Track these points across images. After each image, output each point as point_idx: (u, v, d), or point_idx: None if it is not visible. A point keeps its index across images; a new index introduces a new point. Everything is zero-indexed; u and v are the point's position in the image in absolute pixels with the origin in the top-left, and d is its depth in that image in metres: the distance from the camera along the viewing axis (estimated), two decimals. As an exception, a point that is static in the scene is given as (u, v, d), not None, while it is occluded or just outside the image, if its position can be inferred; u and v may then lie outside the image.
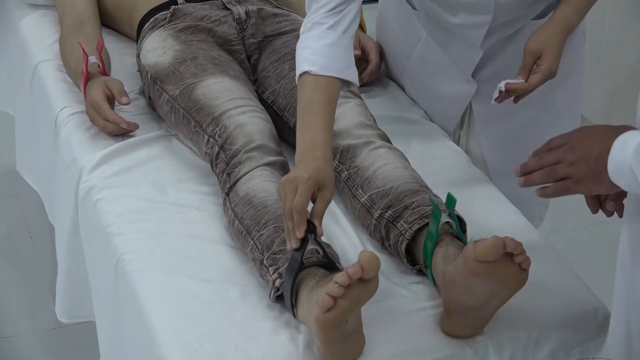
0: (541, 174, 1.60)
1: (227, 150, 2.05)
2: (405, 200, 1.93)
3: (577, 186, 1.57)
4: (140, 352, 1.85)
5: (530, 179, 1.63)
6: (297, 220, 1.73)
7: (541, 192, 1.63)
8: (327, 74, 1.88)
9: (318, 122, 1.85)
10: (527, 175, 1.63)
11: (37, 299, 3.01)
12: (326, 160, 1.81)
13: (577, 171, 1.55)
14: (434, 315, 1.80)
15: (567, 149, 1.58)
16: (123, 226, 2.00)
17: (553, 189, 1.60)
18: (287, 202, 1.74)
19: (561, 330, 1.82)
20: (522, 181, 1.64)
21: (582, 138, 1.57)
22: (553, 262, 1.95)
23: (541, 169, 1.60)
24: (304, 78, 1.89)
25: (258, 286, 1.86)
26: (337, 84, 1.90)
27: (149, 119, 2.32)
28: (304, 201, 1.74)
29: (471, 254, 1.64)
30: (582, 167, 1.55)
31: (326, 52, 1.89)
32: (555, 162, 1.58)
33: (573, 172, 1.56)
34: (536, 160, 1.62)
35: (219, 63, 2.24)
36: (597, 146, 1.54)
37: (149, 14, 2.41)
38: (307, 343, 1.73)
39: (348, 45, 1.92)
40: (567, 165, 1.57)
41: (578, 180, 1.56)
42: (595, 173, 1.53)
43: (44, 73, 2.48)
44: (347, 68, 1.91)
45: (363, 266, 1.59)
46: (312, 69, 1.87)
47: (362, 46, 2.46)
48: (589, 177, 1.55)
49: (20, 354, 2.81)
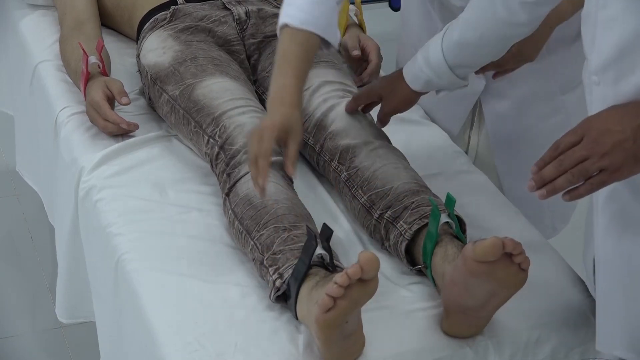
0: (567, 177, 1.51)
1: (227, 150, 2.05)
2: (404, 201, 1.93)
3: (615, 176, 1.50)
4: (140, 352, 1.85)
5: (554, 186, 1.52)
6: (261, 166, 1.80)
7: (571, 195, 1.53)
8: (307, 29, 1.89)
9: (290, 69, 1.88)
10: (549, 185, 1.52)
11: (37, 299, 3.01)
12: (293, 106, 1.86)
13: (614, 161, 1.48)
14: (434, 315, 1.80)
15: (589, 143, 1.50)
16: (123, 226, 2.00)
17: (588, 187, 1.51)
18: (251, 150, 1.82)
19: (561, 331, 1.82)
20: (543, 193, 1.53)
21: (601, 126, 1.50)
22: (553, 262, 1.95)
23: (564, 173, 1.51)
24: (283, 31, 1.91)
25: (258, 286, 1.86)
26: (316, 40, 1.91)
27: (149, 119, 2.32)
28: (268, 146, 1.81)
29: (470, 254, 1.64)
30: (619, 154, 1.48)
31: (309, 8, 1.90)
32: (580, 160, 1.50)
33: (608, 164, 1.48)
34: (555, 166, 1.52)
35: (218, 63, 2.24)
36: (627, 127, 1.48)
37: (149, 14, 2.41)
38: (307, 343, 1.73)
39: (333, 7, 1.93)
40: (599, 159, 1.48)
41: (616, 169, 1.49)
42: (637, 154, 1.47)
43: (44, 73, 2.48)
44: (328, 27, 1.92)
45: (363, 266, 1.59)
46: (292, 22, 1.89)
47: (362, 46, 2.46)
48: (629, 162, 1.48)
49: (21, 354, 2.81)
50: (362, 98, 2.13)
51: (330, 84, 2.20)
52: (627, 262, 1.62)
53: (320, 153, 2.13)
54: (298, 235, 1.85)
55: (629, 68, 1.50)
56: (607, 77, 1.53)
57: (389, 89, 2.08)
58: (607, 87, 1.54)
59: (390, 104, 2.10)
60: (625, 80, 1.51)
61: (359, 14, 2.55)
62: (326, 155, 2.11)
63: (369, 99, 2.13)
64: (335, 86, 2.20)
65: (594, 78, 1.56)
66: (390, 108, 2.11)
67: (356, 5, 2.55)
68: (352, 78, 2.35)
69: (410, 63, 2.03)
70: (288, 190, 1.98)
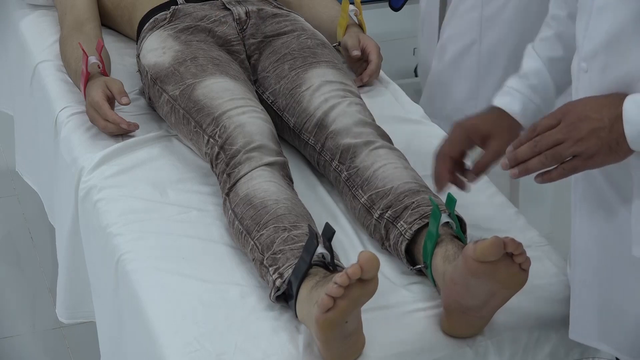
0: (540, 158, 1.53)
1: (227, 150, 2.05)
2: (405, 201, 1.93)
3: (587, 163, 1.51)
4: (140, 353, 1.85)
5: (527, 166, 1.54)
6: None
7: (543, 178, 1.55)
8: None
9: None
10: (522, 164, 1.54)
11: (37, 299, 3.01)
12: None
13: (588, 147, 1.49)
14: (434, 315, 1.80)
15: (567, 126, 1.51)
16: (123, 226, 2.00)
17: (560, 171, 1.53)
18: None
19: (561, 330, 1.82)
20: (515, 172, 1.55)
21: (580, 112, 1.51)
22: (553, 262, 1.95)
23: (538, 155, 1.53)
24: None
25: (258, 286, 1.86)
26: None
27: (149, 119, 2.32)
28: None
29: (471, 254, 1.63)
30: (594, 141, 1.49)
31: None
32: (555, 143, 1.51)
33: (583, 150, 1.50)
34: (530, 147, 1.53)
35: (219, 63, 2.24)
36: (605, 116, 1.49)
37: (149, 14, 2.41)
38: (307, 343, 1.73)
39: None
40: (574, 144, 1.50)
41: (589, 156, 1.50)
42: (612, 144, 1.49)
43: (44, 73, 2.49)
44: None
45: (362, 266, 1.59)
46: None
47: (362, 46, 2.47)
48: (603, 150, 1.49)
49: (21, 354, 2.81)
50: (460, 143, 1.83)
51: (330, 84, 2.20)
52: (601, 250, 1.64)
53: (320, 152, 2.13)
54: (298, 235, 1.85)
55: (616, 56, 1.52)
56: (595, 64, 1.55)
57: (499, 127, 1.79)
58: (594, 75, 1.55)
59: (504, 143, 1.73)
60: (612, 69, 1.53)
61: (359, 14, 2.55)
62: (327, 154, 2.11)
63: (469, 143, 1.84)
64: (336, 86, 2.20)
65: (582, 65, 1.57)
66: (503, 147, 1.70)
67: (356, 5, 2.55)
68: (352, 78, 2.36)
69: (507, 98, 1.80)
70: (288, 190, 1.99)
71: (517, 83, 1.80)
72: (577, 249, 1.69)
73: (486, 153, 1.79)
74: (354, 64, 2.50)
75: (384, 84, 2.50)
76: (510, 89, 1.81)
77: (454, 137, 1.82)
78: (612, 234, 1.62)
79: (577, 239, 1.68)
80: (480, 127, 1.79)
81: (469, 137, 1.81)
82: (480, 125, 1.80)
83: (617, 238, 1.62)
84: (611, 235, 1.62)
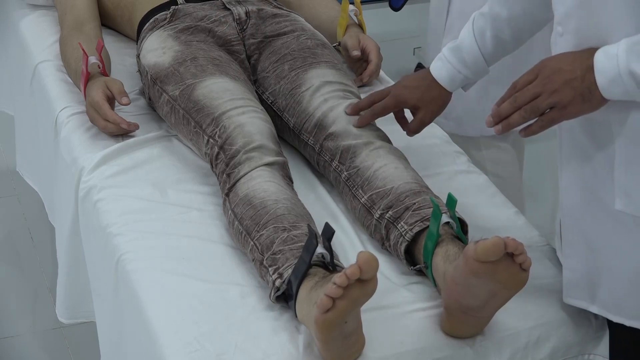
0: (520, 113, 1.62)
1: (227, 150, 2.05)
2: (406, 201, 1.93)
3: (563, 113, 1.60)
4: (140, 353, 1.85)
5: (509, 122, 1.64)
6: None
7: (525, 132, 1.65)
8: None
9: None
10: (505, 120, 1.64)
11: (37, 299, 3.01)
12: None
13: (563, 97, 1.58)
14: (434, 315, 1.80)
15: (542, 80, 1.60)
16: (123, 226, 2.00)
17: (539, 124, 1.63)
18: None
19: (561, 330, 1.82)
20: (499, 128, 1.65)
21: (554, 66, 1.60)
22: (552, 262, 1.95)
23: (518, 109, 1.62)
24: None
25: (258, 286, 1.86)
26: None
27: (149, 119, 2.32)
28: None
29: (472, 254, 1.63)
30: (567, 91, 1.58)
31: None
32: (533, 97, 1.61)
33: (557, 100, 1.59)
34: (510, 102, 1.63)
35: (218, 63, 2.24)
36: (577, 67, 1.57)
37: (149, 14, 2.41)
38: (307, 343, 1.73)
39: None
40: (549, 96, 1.59)
41: (564, 106, 1.59)
42: (585, 93, 1.57)
43: (44, 73, 2.48)
44: None
45: (361, 267, 1.59)
46: None
47: (362, 46, 2.46)
48: (577, 100, 1.58)
49: (21, 354, 2.81)
50: (390, 107, 2.09)
51: (330, 84, 2.20)
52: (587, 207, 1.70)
53: (320, 153, 2.13)
54: (298, 235, 1.85)
55: (588, 17, 1.59)
56: (569, 26, 1.62)
57: (427, 98, 2.05)
58: (570, 37, 1.63)
59: (432, 113, 2.07)
60: (585, 30, 1.60)
61: (359, 14, 2.55)
62: (326, 155, 2.11)
63: (397, 108, 2.10)
64: (336, 86, 2.20)
65: (558, 29, 1.65)
66: (431, 117, 2.08)
67: (356, 5, 2.55)
68: (352, 78, 2.36)
69: (440, 65, 2.02)
70: (288, 190, 1.99)
71: (450, 54, 1.99)
72: (565, 210, 1.75)
73: (414, 121, 2.08)
74: (354, 64, 2.50)
75: (384, 84, 2.50)
76: (444, 57, 2.00)
77: (387, 104, 2.07)
78: (596, 191, 1.68)
79: (564, 200, 1.74)
80: (408, 100, 2.05)
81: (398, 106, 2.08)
82: (409, 97, 2.05)
83: (601, 195, 1.68)
84: (595, 191, 1.68)
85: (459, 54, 1.98)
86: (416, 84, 2.05)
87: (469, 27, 1.97)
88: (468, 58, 1.97)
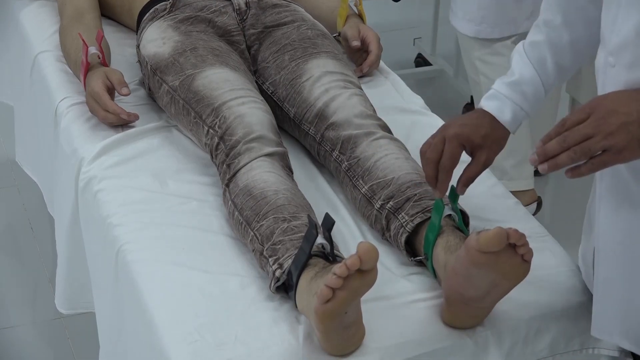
0: (569, 154, 1.51)
1: (227, 141, 2.05)
2: (407, 192, 1.93)
3: (618, 157, 1.50)
4: (140, 343, 1.85)
5: (556, 162, 1.52)
6: None
7: (573, 173, 1.53)
8: None
9: None
10: (551, 160, 1.53)
11: (37, 290, 3.01)
12: None
13: (618, 141, 1.48)
14: (434, 306, 1.80)
15: (596, 121, 1.50)
16: (123, 217, 2.00)
17: (589, 166, 1.51)
18: None
19: (561, 321, 1.82)
20: (545, 168, 1.54)
21: (609, 106, 1.50)
22: (553, 253, 1.94)
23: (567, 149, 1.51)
24: None
25: (258, 277, 1.86)
26: None
27: (149, 109, 2.32)
28: None
29: (474, 245, 1.63)
30: (623, 135, 1.47)
31: None
32: (584, 138, 1.50)
33: (612, 144, 1.48)
34: (559, 142, 1.52)
35: (218, 54, 2.24)
36: (634, 110, 1.48)
37: (149, 5, 2.40)
38: (307, 334, 1.73)
39: None
40: (603, 138, 1.48)
41: (619, 150, 1.48)
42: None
43: (44, 64, 2.48)
44: None
45: (361, 257, 1.59)
46: None
47: (362, 37, 2.46)
48: (633, 145, 1.48)
49: (21, 344, 2.81)
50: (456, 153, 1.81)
51: (331, 74, 2.20)
52: (627, 245, 1.63)
53: (321, 143, 2.13)
54: (298, 225, 1.85)
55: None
56: (623, 59, 1.54)
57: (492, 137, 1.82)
58: (622, 70, 1.54)
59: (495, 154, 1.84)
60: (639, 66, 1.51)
61: (359, 5, 2.55)
62: (327, 145, 2.11)
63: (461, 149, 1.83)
64: (337, 76, 2.20)
65: (610, 59, 1.56)
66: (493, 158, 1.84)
67: (356, -5, 2.55)
68: (352, 68, 2.35)
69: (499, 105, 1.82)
70: (288, 181, 1.98)
71: (509, 90, 1.81)
72: (602, 244, 1.67)
73: (475, 164, 1.82)
74: (354, 54, 2.50)
75: (384, 75, 2.50)
76: (501, 95, 1.81)
77: (452, 151, 1.80)
78: (637, 229, 1.61)
79: (602, 235, 1.66)
80: (472, 139, 1.80)
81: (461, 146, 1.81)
82: (472, 136, 1.80)
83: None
84: (636, 230, 1.61)
85: (518, 88, 1.80)
86: (476, 122, 1.82)
87: (523, 59, 1.80)
88: (529, 91, 1.80)
